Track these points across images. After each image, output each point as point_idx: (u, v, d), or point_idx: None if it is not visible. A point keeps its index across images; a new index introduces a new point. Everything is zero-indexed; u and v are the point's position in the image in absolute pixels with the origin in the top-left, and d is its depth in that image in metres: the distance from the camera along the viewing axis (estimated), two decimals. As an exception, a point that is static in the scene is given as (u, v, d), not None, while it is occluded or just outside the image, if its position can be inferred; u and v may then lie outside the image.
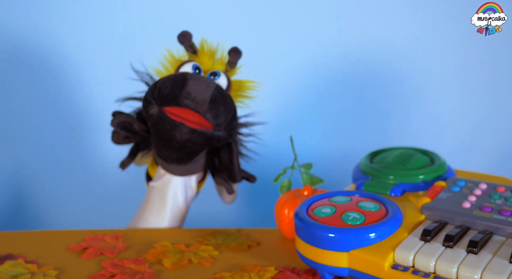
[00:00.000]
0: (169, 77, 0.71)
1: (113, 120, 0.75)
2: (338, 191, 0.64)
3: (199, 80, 0.71)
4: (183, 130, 0.69)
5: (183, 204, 0.78)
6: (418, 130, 1.06)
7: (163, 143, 0.73)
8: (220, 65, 0.78)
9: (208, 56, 0.77)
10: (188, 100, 0.69)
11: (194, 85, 0.70)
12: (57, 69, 1.05)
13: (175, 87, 0.70)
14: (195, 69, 0.74)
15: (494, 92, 1.05)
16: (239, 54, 0.78)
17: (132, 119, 0.75)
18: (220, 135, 0.71)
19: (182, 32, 0.76)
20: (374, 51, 1.04)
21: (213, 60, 0.77)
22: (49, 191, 1.09)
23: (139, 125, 0.75)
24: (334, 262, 0.54)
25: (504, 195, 0.58)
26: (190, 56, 0.77)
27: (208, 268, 0.62)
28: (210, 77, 0.74)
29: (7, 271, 0.60)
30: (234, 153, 0.77)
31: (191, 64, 0.74)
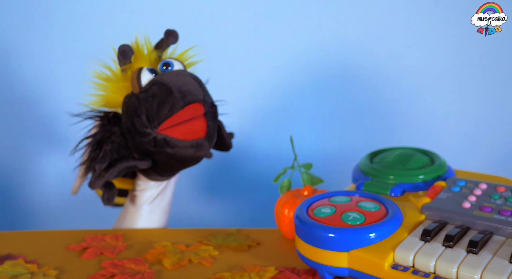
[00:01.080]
0: (142, 97, 0.66)
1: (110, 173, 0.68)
2: (338, 191, 0.64)
3: (174, 75, 0.67)
4: (207, 145, 0.68)
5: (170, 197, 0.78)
6: (418, 130, 1.06)
7: (182, 165, 0.70)
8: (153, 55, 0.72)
9: (140, 55, 0.70)
10: (188, 97, 0.66)
11: (177, 82, 0.66)
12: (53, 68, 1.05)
13: (162, 98, 0.66)
14: (152, 72, 0.68)
15: (494, 92, 1.05)
16: (177, 36, 0.72)
17: (133, 162, 0.69)
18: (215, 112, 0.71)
19: (121, 47, 0.68)
20: (374, 50, 1.04)
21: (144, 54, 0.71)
22: (48, 191, 1.09)
23: (144, 163, 0.69)
24: (334, 262, 0.54)
25: (504, 195, 0.58)
26: (127, 67, 0.69)
27: (208, 268, 0.62)
28: (163, 69, 0.70)
29: (7, 271, 0.60)
30: (222, 128, 0.76)
31: (146, 70, 0.68)
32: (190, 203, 1.07)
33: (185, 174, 0.91)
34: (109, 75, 0.71)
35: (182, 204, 0.82)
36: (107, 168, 0.69)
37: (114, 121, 0.71)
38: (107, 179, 0.69)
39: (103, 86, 0.70)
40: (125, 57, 0.68)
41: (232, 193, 1.10)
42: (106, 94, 0.70)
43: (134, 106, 0.67)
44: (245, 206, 1.10)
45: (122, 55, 0.68)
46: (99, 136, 0.71)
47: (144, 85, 0.67)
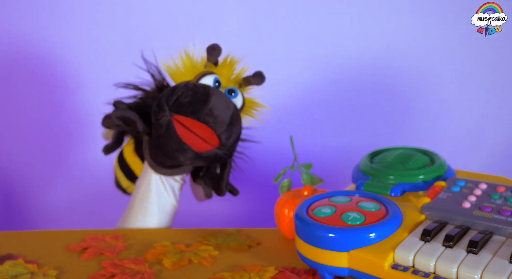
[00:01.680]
0: (189, 86, 0.70)
1: (116, 111, 0.72)
2: (338, 191, 0.64)
3: (221, 98, 0.70)
4: (189, 155, 0.70)
5: (173, 203, 0.78)
6: (418, 130, 1.06)
7: (161, 154, 0.72)
8: (237, 80, 0.76)
9: (227, 69, 0.75)
10: (210, 118, 0.69)
11: (217, 104, 0.69)
12: (52, 69, 1.05)
13: (196, 100, 0.69)
14: (215, 83, 0.72)
15: (494, 92, 1.05)
16: (263, 80, 0.77)
17: (136, 117, 0.72)
18: (222, 156, 0.73)
19: (213, 45, 0.73)
20: (374, 51, 1.04)
21: (231, 73, 0.76)
22: (48, 191, 1.09)
23: (143, 126, 0.73)
24: (334, 262, 0.54)
25: (504, 195, 0.58)
26: (210, 66, 0.74)
27: (208, 268, 0.62)
28: (227, 93, 0.73)
29: (7, 271, 0.60)
30: (226, 171, 0.77)
31: (212, 77, 0.72)
32: (190, 203, 1.07)
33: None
34: (195, 58, 0.75)
35: (183, 204, 0.82)
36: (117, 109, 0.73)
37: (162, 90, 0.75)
38: (111, 118, 0.72)
39: (182, 60, 0.74)
40: (210, 54, 0.73)
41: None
42: (177, 67, 0.74)
43: (178, 86, 0.70)
44: (245, 206, 1.10)
45: (209, 51, 0.73)
46: (144, 92, 0.76)
47: (199, 82, 0.71)
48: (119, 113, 0.72)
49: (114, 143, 0.78)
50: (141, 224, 0.76)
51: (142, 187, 0.77)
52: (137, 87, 0.77)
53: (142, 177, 0.78)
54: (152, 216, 0.76)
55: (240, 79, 0.77)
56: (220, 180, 0.77)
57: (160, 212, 0.77)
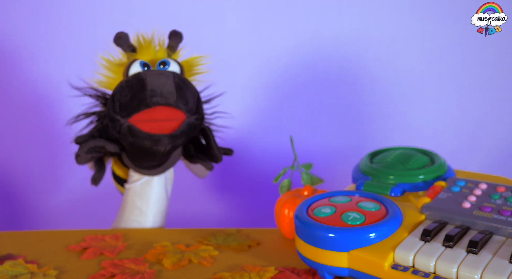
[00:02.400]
0: (123, 85, 0.69)
1: (81, 147, 0.72)
2: (338, 191, 0.64)
3: (155, 75, 0.69)
4: (165, 141, 0.69)
5: (165, 199, 0.78)
6: (418, 130, 1.06)
7: (144, 157, 0.72)
8: (163, 53, 0.75)
9: (147, 48, 0.74)
10: (157, 97, 0.68)
11: (154, 81, 0.68)
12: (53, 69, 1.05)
13: (135, 91, 0.68)
14: (144, 66, 0.71)
15: (494, 92, 1.05)
16: (180, 38, 0.76)
17: (103, 142, 0.73)
18: (195, 122, 0.72)
19: (117, 34, 0.72)
20: (374, 50, 1.04)
21: (154, 50, 0.74)
22: (48, 191, 1.09)
23: (113, 146, 0.73)
24: (334, 262, 0.54)
25: (504, 195, 0.58)
26: (130, 55, 0.74)
27: (208, 268, 0.62)
28: (160, 67, 0.72)
29: (7, 271, 0.60)
30: (210, 137, 0.77)
31: (137, 63, 0.71)
32: (190, 203, 1.07)
33: (185, 174, 0.91)
34: (114, 59, 0.75)
35: (182, 204, 0.82)
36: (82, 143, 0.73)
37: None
38: (80, 154, 0.72)
39: (107, 68, 0.74)
40: (118, 43, 0.72)
41: (232, 193, 1.10)
42: (108, 76, 0.74)
43: (114, 92, 0.70)
44: (245, 206, 1.10)
45: (116, 41, 0.72)
46: (96, 115, 0.75)
47: (130, 75, 0.70)
48: (85, 147, 0.72)
49: (98, 171, 0.78)
50: (137, 224, 0.76)
51: (132, 188, 0.77)
52: (87, 113, 0.76)
53: (132, 180, 0.77)
54: (147, 216, 0.76)
55: (165, 49, 0.75)
56: (210, 149, 0.77)
57: (156, 212, 0.77)
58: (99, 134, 0.75)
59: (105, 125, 0.75)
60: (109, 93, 0.76)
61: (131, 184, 0.77)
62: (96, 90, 0.76)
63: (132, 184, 0.77)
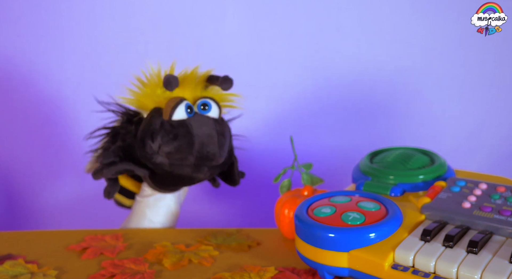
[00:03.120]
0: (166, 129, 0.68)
1: (109, 170, 0.69)
2: (338, 191, 0.64)
3: (202, 127, 0.68)
4: (205, 170, 0.70)
5: (177, 210, 0.78)
6: (418, 130, 1.06)
7: (178, 183, 0.72)
8: (201, 87, 0.73)
9: (190, 84, 0.72)
10: (202, 160, 0.69)
11: (201, 137, 0.68)
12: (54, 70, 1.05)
13: (180, 147, 0.68)
14: (187, 110, 0.69)
15: (494, 92, 1.05)
16: (231, 84, 0.73)
17: (132, 167, 0.70)
18: (227, 160, 0.73)
19: (167, 77, 0.68)
20: (374, 50, 1.04)
21: (195, 86, 0.72)
22: (48, 191, 1.09)
23: (142, 170, 0.71)
24: (334, 262, 0.54)
25: (504, 195, 0.58)
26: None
27: (208, 268, 0.62)
28: (201, 109, 0.71)
29: (7, 271, 0.60)
30: (235, 166, 0.77)
31: (183, 106, 0.69)
32: (190, 203, 1.07)
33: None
34: (148, 79, 0.71)
35: (182, 204, 0.82)
36: (109, 165, 0.70)
37: (135, 122, 0.72)
38: (105, 176, 0.70)
39: (138, 87, 0.72)
40: (168, 88, 0.68)
41: (232, 193, 1.10)
42: (140, 94, 0.71)
43: (154, 130, 0.68)
44: (245, 206, 1.10)
45: (165, 85, 0.68)
46: (116, 130, 0.72)
47: (174, 118, 0.69)
48: (114, 170, 0.70)
49: (112, 185, 0.74)
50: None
51: (145, 201, 0.76)
52: (106, 128, 0.74)
53: (144, 195, 0.76)
54: (156, 225, 0.76)
55: (204, 82, 0.73)
56: (232, 175, 0.77)
57: (163, 221, 0.76)
58: (123, 153, 0.71)
59: (128, 144, 0.71)
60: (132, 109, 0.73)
61: (143, 198, 0.76)
62: (120, 106, 0.73)
63: (145, 198, 0.76)
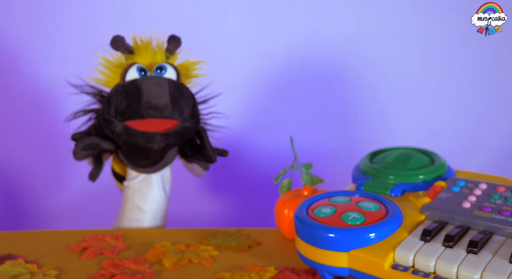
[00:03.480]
0: (119, 90, 0.70)
1: (77, 144, 0.73)
2: (338, 191, 0.64)
3: (151, 84, 0.70)
4: (158, 139, 0.69)
5: (164, 197, 0.79)
6: (418, 130, 1.06)
7: (139, 155, 0.73)
8: (161, 56, 0.75)
9: (145, 51, 0.74)
10: (152, 110, 0.69)
11: (150, 91, 0.69)
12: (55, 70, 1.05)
13: (131, 100, 0.69)
14: (141, 71, 0.71)
15: (494, 92, 1.05)
16: (179, 43, 0.76)
17: (98, 140, 0.74)
18: (190, 127, 0.73)
19: (113, 37, 0.72)
20: (374, 50, 1.04)
21: (152, 53, 0.75)
22: (48, 191, 1.09)
23: (107, 143, 0.74)
24: (334, 262, 0.54)
25: (504, 195, 0.58)
26: (128, 57, 0.74)
27: (208, 268, 0.62)
28: (157, 72, 0.72)
29: (7, 271, 0.60)
30: (205, 139, 0.78)
31: (135, 67, 0.71)
32: (191, 203, 1.07)
33: (185, 174, 0.91)
34: (114, 59, 0.75)
35: (182, 204, 0.82)
36: (78, 140, 0.74)
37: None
38: (75, 151, 0.73)
39: (105, 67, 0.75)
40: (115, 47, 0.72)
41: (232, 193, 1.10)
42: (106, 74, 0.75)
43: (110, 95, 0.71)
44: (245, 206, 1.10)
45: (112, 44, 0.72)
46: (95, 112, 0.77)
47: (127, 80, 0.71)
48: (80, 144, 0.73)
49: (95, 167, 0.78)
50: (137, 223, 0.77)
51: (131, 186, 0.78)
52: (85, 110, 0.78)
53: (130, 178, 0.78)
54: (146, 214, 0.77)
55: (164, 52, 0.76)
56: (204, 150, 0.78)
57: (152, 208, 0.77)
58: (96, 131, 0.76)
59: (100, 124, 0.76)
60: (106, 91, 0.77)
61: (129, 182, 0.78)
62: (94, 88, 0.77)
63: (131, 182, 0.78)
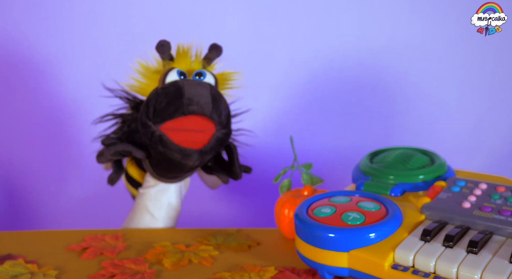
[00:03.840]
0: (158, 92, 0.70)
1: (108, 149, 0.72)
2: (338, 191, 0.64)
3: (193, 84, 0.69)
4: (195, 157, 0.69)
5: (178, 205, 0.78)
6: (418, 130, 1.06)
7: (171, 169, 0.72)
8: (198, 64, 0.75)
9: (184, 58, 0.74)
10: (193, 106, 0.68)
11: (191, 90, 0.68)
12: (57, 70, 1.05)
13: (172, 98, 0.68)
14: (181, 75, 0.71)
15: (494, 92, 1.05)
16: (220, 52, 0.76)
17: (131, 148, 0.72)
18: (222, 137, 0.72)
19: (160, 42, 0.72)
20: (374, 50, 1.04)
21: (190, 60, 0.75)
22: (48, 191, 1.09)
23: (140, 152, 0.72)
24: (334, 262, 0.54)
25: (504, 195, 0.58)
26: (166, 64, 0.74)
27: (208, 268, 0.62)
28: (196, 78, 0.72)
29: (7, 271, 0.60)
30: (235, 155, 0.77)
31: (175, 71, 0.71)
32: (190, 203, 1.07)
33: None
34: (150, 65, 0.74)
35: (182, 204, 0.82)
36: (109, 145, 0.72)
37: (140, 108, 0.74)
38: (105, 156, 0.72)
39: (141, 73, 0.74)
40: (160, 51, 0.72)
41: (232, 193, 1.10)
42: (141, 81, 0.74)
43: (149, 98, 0.70)
44: (245, 206, 1.10)
45: (158, 48, 0.72)
46: (124, 117, 0.75)
47: (167, 83, 0.70)
48: (112, 150, 0.72)
49: (116, 172, 0.78)
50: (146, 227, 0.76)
51: (147, 194, 0.76)
52: (115, 115, 0.76)
53: (147, 186, 0.77)
54: (158, 221, 0.76)
55: (201, 61, 0.76)
56: (232, 166, 0.77)
57: (165, 216, 0.76)
58: (126, 137, 0.74)
59: (132, 129, 0.74)
60: (139, 98, 0.76)
61: (145, 189, 0.77)
62: (127, 93, 0.76)
63: (147, 190, 0.76)
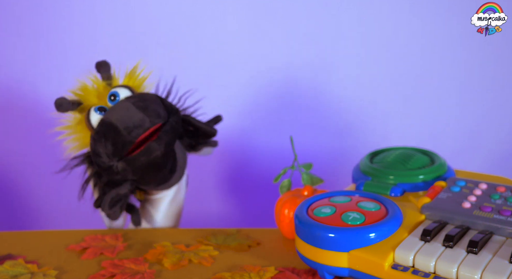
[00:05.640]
0: (95, 138, 0.68)
1: (104, 208, 0.71)
2: (338, 191, 0.64)
3: (117, 111, 0.68)
4: (155, 146, 0.68)
5: (180, 205, 0.79)
6: (418, 130, 1.06)
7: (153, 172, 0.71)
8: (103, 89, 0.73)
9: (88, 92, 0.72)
10: (134, 131, 0.67)
11: (120, 118, 0.67)
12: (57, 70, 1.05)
13: (112, 137, 0.67)
14: (99, 111, 0.69)
15: (494, 92, 1.05)
16: (107, 65, 0.73)
17: (114, 191, 0.71)
18: (174, 120, 0.71)
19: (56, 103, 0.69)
20: (374, 50, 1.04)
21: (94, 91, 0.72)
22: (49, 191, 1.09)
23: (123, 187, 0.72)
24: (334, 262, 0.54)
25: (504, 195, 0.58)
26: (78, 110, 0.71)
27: (208, 268, 0.62)
28: (112, 101, 0.70)
29: (7, 271, 0.60)
30: (193, 121, 0.76)
31: (92, 110, 0.69)
32: (190, 203, 1.07)
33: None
34: (70, 120, 0.73)
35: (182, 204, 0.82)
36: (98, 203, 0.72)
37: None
38: (109, 214, 0.71)
39: (72, 130, 0.73)
40: (62, 110, 0.69)
41: (232, 193, 1.10)
42: (77, 137, 0.72)
43: (93, 148, 0.69)
44: (245, 206, 1.10)
45: (58, 109, 0.69)
46: (89, 177, 0.74)
47: (95, 126, 0.69)
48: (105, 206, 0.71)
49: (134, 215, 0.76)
50: (145, 225, 0.78)
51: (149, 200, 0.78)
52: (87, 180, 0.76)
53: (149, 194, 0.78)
54: (157, 223, 0.77)
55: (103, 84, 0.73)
56: (199, 129, 0.77)
57: (163, 218, 0.77)
58: (108, 186, 0.73)
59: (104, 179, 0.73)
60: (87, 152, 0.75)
61: (148, 196, 0.78)
62: (79, 157, 0.75)
63: (149, 196, 0.78)
